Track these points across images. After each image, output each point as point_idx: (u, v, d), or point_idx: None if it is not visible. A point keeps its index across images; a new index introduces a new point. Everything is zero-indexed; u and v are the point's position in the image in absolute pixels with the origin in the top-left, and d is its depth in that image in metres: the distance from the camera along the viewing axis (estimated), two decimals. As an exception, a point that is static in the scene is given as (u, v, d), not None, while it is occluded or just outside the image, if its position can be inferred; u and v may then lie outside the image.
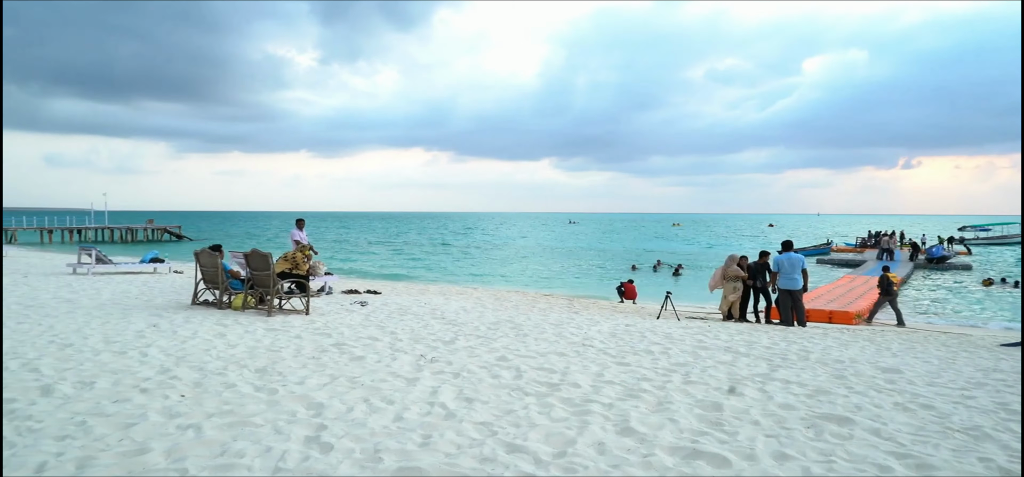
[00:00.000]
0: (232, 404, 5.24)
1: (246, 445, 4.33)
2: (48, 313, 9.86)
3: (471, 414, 5.10)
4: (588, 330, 9.40)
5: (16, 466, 3.94)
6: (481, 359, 7.12)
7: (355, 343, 7.85)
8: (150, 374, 6.16)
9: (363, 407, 5.22)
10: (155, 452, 4.20)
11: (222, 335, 8.14)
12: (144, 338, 7.90)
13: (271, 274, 9.98)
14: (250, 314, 9.89)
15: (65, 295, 12.14)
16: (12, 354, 6.91)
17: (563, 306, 14.60)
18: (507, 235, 79.90)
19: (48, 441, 4.37)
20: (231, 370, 6.36)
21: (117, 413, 4.97)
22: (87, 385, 5.75)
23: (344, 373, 6.34)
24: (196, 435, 4.52)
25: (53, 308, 10.41)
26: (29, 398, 5.34)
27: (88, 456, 4.12)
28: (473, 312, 11.19)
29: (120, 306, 10.71)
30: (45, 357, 6.80)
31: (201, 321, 9.18)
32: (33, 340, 7.69)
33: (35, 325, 8.76)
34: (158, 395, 5.47)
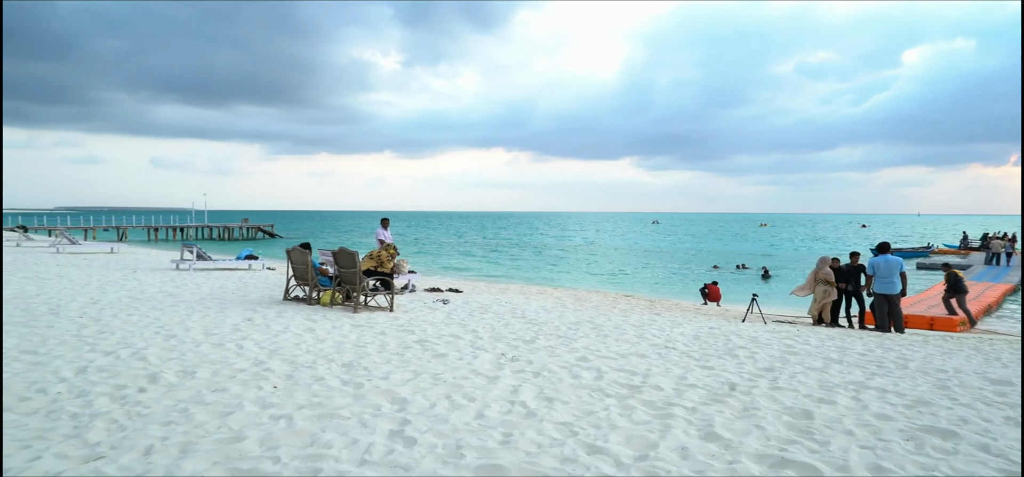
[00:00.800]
0: (321, 397, 5.43)
1: (334, 436, 4.48)
2: (154, 306, 10.52)
3: (551, 414, 5.09)
4: (670, 332, 9.23)
5: (127, 448, 4.22)
6: (561, 359, 7.11)
7: (437, 340, 7.99)
8: (245, 365, 6.47)
9: (445, 403, 5.31)
10: (250, 440, 4.41)
11: (311, 330, 8.46)
12: (240, 331, 8.30)
13: (357, 271, 10.29)
14: (337, 310, 10.23)
15: (169, 289, 12.91)
16: (124, 343, 7.41)
17: (644, 307, 14.40)
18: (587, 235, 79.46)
19: (155, 426, 4.65)
20: (320, 364, 6.60)
21: (216, 402, 5.24)
22: (189, 374, 6.10)
23: (427, 369, 6.46)
24: (288, 425, 4.71)
25: (159, 301, 11.09)
26: (138, 385, 5.71)
27: (190, 441, 4.36)
28: (553, 312, 11.19)
29: (218, 300, 11.30)
30: (152, 347, 7.26)
31: (292, 316, 9.57)
32: (141, 331, 8.22)
33: (143, 317, 9.36)
34: (253, 386, 5.73)
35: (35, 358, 6.68)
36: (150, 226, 61.84)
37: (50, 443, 4.30)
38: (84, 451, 4.19)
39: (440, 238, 69.60)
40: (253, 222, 68.66)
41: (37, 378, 5.90)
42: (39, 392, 5.46)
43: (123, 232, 58.08)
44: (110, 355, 6.83)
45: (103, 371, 6.17)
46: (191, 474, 3.84)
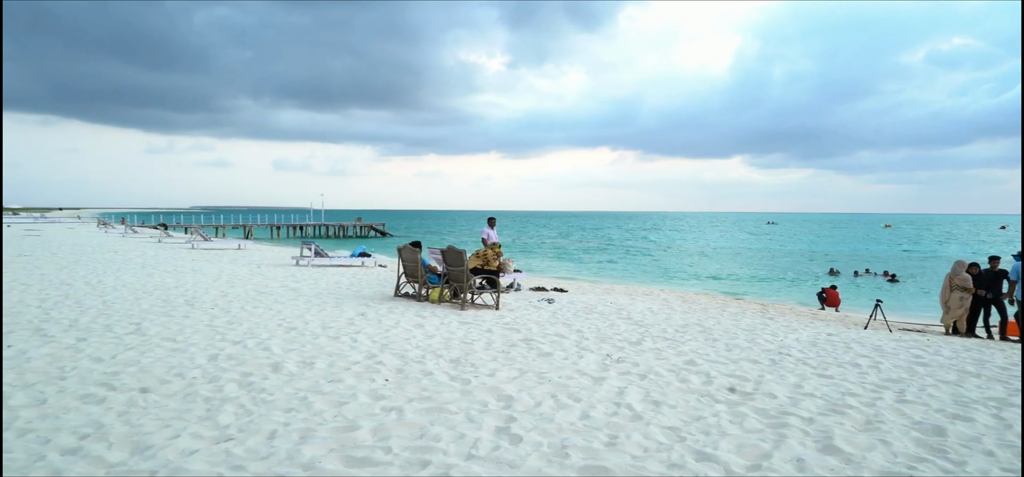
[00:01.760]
0: (429, 391, 5.59)
1: (442, 430, 4.59)
2: (277, 299, 11.17)
3: (658, 417, 5.00)
4: (784, 338, 8.83)
5: (253, 431, 4.51)
6: (669, 362, 6.96)
7: (543, 339, 8.02)
8: (359, 358, 6.75)
9: (550, 403, 5.32)
10: (363, 430, 4.60)
11: (420, 326, 8.71)
12: (354, 325, 8.67)
13: (465, 270, 10.51)
14: (445, 307, 10.48)
15: (290, 284, 13.67)
16: (250, 334, 7.92)
17: (756, 311, 13.85)
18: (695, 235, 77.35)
19: (277, 412, 4.94)
20: (428, 359, 6.79)
21: (332, 392, 5.51)
22: (308, 365, 6.43)
23: (532, 368, 6.50)
24: (398, 417, 4.87)
25: (280, 295, 11.77)
26: (263, 373, 6.08)
27: (309, 428, 4.60)
28: (660, 314, 10.97)
29: (334, 295, 11.85)
30: (275, 338, 7.71)
31: (402, 312, 9.90)
32: (265, 323, 8.75)
33: (267, 310, 9.96)
34: (366, 378, 5.97)
35: (174, 345, 7.26)
36: (273, 224, 66.03)
37: (187, 423, 4.66)
38: (215, 432, 4.50)
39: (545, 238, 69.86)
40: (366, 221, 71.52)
41: (175, 363, 6.41)
42: (177, 376, 5.93)
43: (249, 230, 62.18)
44: (238, 344, 7.32)
45: (232, 359, 6.62)
46: (310, 459, 4.05)
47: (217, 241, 30.35)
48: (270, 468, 3.91)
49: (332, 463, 4.00)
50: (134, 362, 6.43)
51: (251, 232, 61.34)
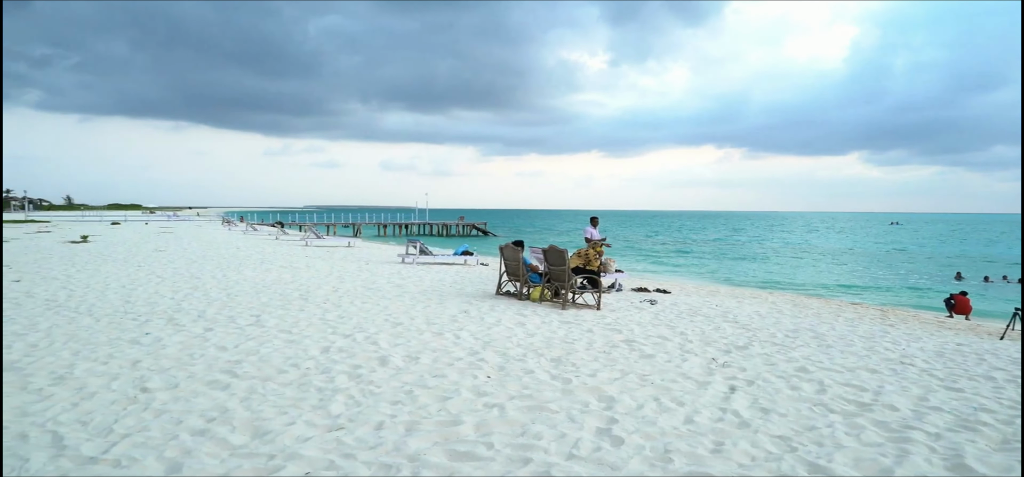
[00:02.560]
0: (531, 389, 5.62)
1: (543, 429, 4.61)
2: (384, 295, 11.58)
3: (767, 425, 4.80)
4: (907, 346, 8.26)
5: (362, 421, 4.69)
6: (778, 368, 6.67)
7: (645, 341, 7.89)
8: (462, 354, 6.89)
9: (653, 405, 5.22)
10: (466, 425, 4.68)
11: (522, 324, 8.78)
12: (457, 322, 8.85)
13: (566, 269, 10.50)
14: (546, 306, 10.51)
15: (396, 281, 14.14)
16: (359, 328, 8.25)
17: (874, 317, 13.03)
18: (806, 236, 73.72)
19: (385, 404, 5.12)
20: (530, 357, 6.83)
21: (436, 386, 5.64)
22: (413, 359, 6.63)
23: (634, 370, 6.41)
24: (500, 414, 4.93)
25: (387, 292, 12.19)
26: (371, 366, 6.32)
27: (414, 421, 4.74)
28: (768, 317, 10.53)
29: (438, 293, 12.15)
30: (382, 332, 7.99)
31: (504, 310, 10.01)
32: (373, 318, 9.09)
33: (374, 305, 10.34)
34: (468, 374, 6.08)
35: (289, 337, 7.66)
36: (380, 223, 68.70)
37: (301, 412, 4.91)
38: (327, 421, 4.72)
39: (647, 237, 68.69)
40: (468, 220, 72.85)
41: (291, 354, 6.77)
42: (293, 366, 6.26)
43: (357, 228, 64.85)
44: (348, 338, 7.64)
45: (342, 352, 6.92)
46: (415, 451, 4.16)
47: (328, 239, 31.80)
48: (378, 457, 4.06)
49: (436, 456, 4.10)
50: (254, 352, 6.84)
51: (359, 230, 63.93)
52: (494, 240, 56.31)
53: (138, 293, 11.36)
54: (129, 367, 6.17)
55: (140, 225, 47.57)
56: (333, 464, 3.94)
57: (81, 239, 27.69)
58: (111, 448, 4.16)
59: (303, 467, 3.90)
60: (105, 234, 33.18)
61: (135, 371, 6.02)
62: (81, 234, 31.68)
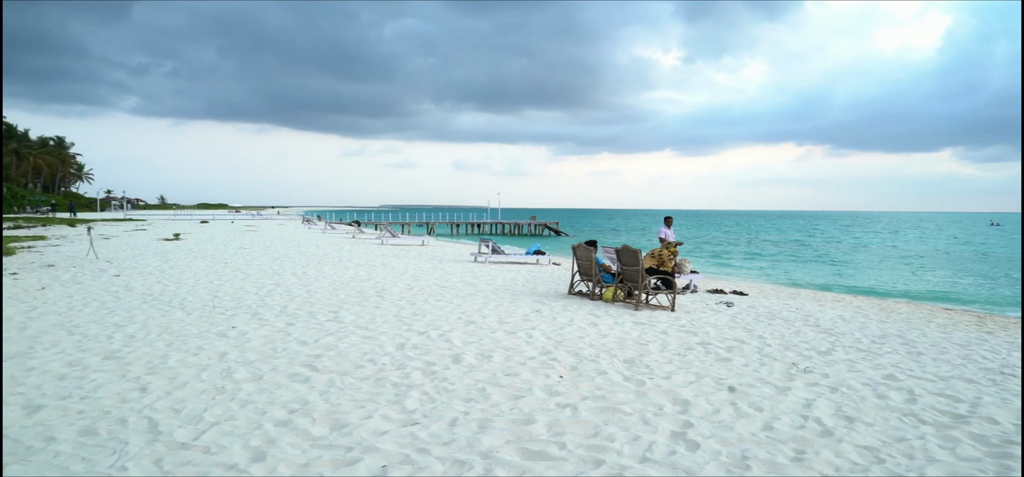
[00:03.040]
0: (604, 390, 5.57)
1: (616, 431, 4.56)
2: (456, 294, 11.72)
3: (852, 435, 4.60)
4: (1008, 356, 7.76)
5: (436, 417, 4.76)
6: (864, 375, 6.38)
7: (721, 344, 7.70)
8: (534, 353, 6.90)
9: (730, 410, 5.09)
10: (538, 424, 4.69)
11: (594, 324, 8.72)
12: (529, 321, 8.87)
13: (640, 269, 10.36)
14: (619, 306, 10.41)
15: (469, 279, 14.29)
16: (433, 326, 8.39)
17: (970, 323, 12.29)
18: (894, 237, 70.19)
19: (458, 401, 5.18)
20: (602, 358, 6.78)
21: (509, 385, 5.67)
22: (486, 357, 6.68)
23: (710, 373, 6.27)
24: (572, 414, 4.91)
25: (460, 290, 12.34)
26: (444, 363, 6.41)
27: (486, 418, 4.78)
28: (853, 322, 10.09)
29: (510, 292, 12.21)
30: (455, 330, 8.09)
31: (576, 310, 9.97)
32: (447, 316, 9.21)
33: (448, 303, 10.49)
34: (541, 373, 6.09)
35: (366, 333, 7.86)
36: (453, 222, 69.74)
37: (378, 406, 5.03)
38: (402, 416, 4.82)
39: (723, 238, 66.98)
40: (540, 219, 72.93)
41: (368, 349, 6.94)
42: (370, 361, 6.42)
43: (431, 227, 65.98)
44: (422, 335, 7.77)
45: (417, 348, 7.04)
46: (488, 448, 4.19)
47: (403, 237, 32.44)
48: (451, 453, 4.11)
49: (509, 454, 4.12)
50: (333, 347, 7.06)
51: (433, 229, 65.00)
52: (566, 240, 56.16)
53: (225, 288, 11.90)
54: (217, 359, 6.47)
55: (226, 224, 49.83)
56: (408, 458, 4.02)
57: (173, 237, 29.24)
58: (201, 435, 4.37)
59: (379, 460, 3.99)
60: (195, 232, 34.93)
61: (222, 363, 6.31)
62: (173, 232, 33.46)
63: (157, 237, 29.06)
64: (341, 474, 3.81)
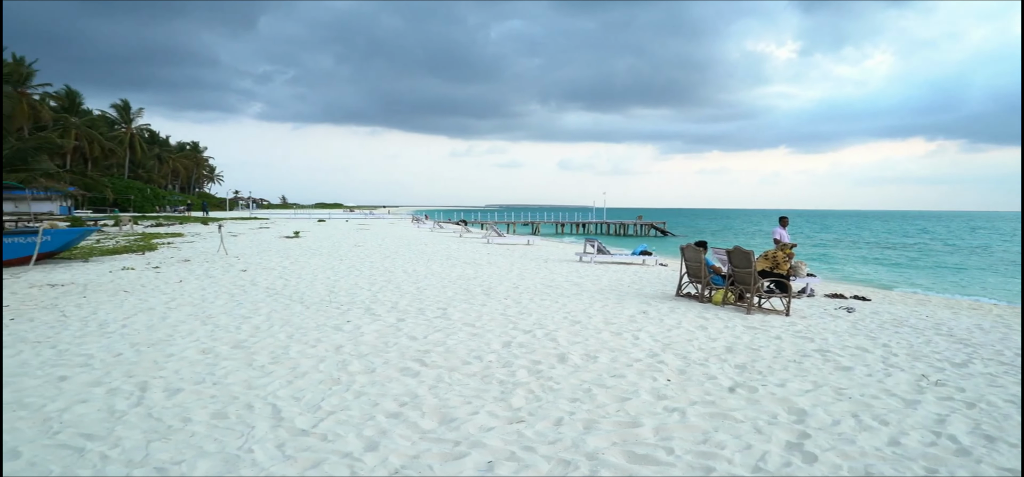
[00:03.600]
0: (713, 395, 5.40)
1: (726, 438, 4.41)
2: (562, 293, 11.72)
3: (993, 456, 4.23)
4: None
5: (541, 416, 4.78)
6: (1006, 391, 5.84)
7: (841, 352, 7.28)
8: (641, 356, 6.78)
9: (851, 422, 4.80)
10: (645, 427, 4.61)
11: (703, 328, 8.47)
12: (635, 323, 8.74)
13: (752, 272, 9.97)
14: (729, 310, 10.06)
15: (574, 279, 14.25)
16: (538, 325, 8.42)
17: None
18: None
19: (563, 401, 5.18)
20: (712, 362, 6.57)
21: (614, 386, 5.61)
22: (591, 358, 6.64)
23: (829, 382, 5.93)
24: (680, 419, 4.79)
25: (565, 289, 12.33)
26: (550, 362, 6.42)
27: (592, 419, 4.75)
28: (993, 332, 9.26)
29: (616, 292, 12.07)
30: (561, 330, 8.09)
31: (684, 312, 9.72)
32: (552, 315, 9.23)
33: (553, 302, 10.50)
34: (648, 376, 5.98)
35: (473, 330, 8.00)
36: (558, 222, 69.77)
37: (484, 402, 5.10)
38: (508, 413, 4.87)
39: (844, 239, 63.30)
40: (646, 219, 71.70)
41: (475, 347, 7.06)
42: (476, 358, 6.53)
43: (536, 227, 66.33)
44: (528, 334, 7.83)
45: (523, 347, 7.10)
46: (594, 449, 4.17)
47: (508, 237, 32.84)
48: (556, 453, 4.11)
49: (614, 456, 4.07)
50: (441, 343, 7.23)
51: (538, 228, 65.33)
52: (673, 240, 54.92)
53: (340, 284, 12.47)
54: (333, 351, 6.78)
55: (341, 222, 52.19)
56: (514, 455, 4.06)
57: (294, 235, 30.94)
58: (319, 423, 4.60)
59: (486, 456, 4.05)
60: (313, 230, 36.81)
61: (338, 355, 6.61)
62: (294, 230, 35.42)
63: (279, 235, 30.84)
64: (449, 467, 3.90)
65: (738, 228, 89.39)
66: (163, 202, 77.45)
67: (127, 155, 79.03)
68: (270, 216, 70.44)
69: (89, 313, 8.91)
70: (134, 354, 6.57)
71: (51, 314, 8.84)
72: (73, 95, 69.43)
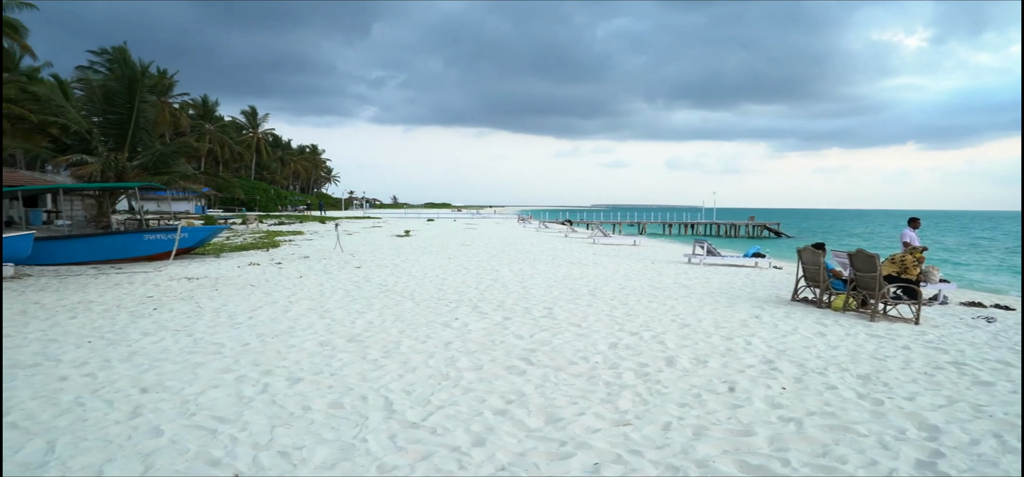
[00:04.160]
0: (834, 406, 5.11)
1: (848, 452, 4.16)
2: (670, 295, 11.46)
3: None
4: None
5: (648, 420, 4.69)
6: None
7: (980, 365, 6.69)
8: (753, 362, 6.52)
9: (993, 443, 4.40)
10: (759, 437, 4.42)
11: (822, 334, 8.04)
12: (748, 327, 8.41)
13: (877, 276, 9.36)
14: (851, 316, 9.48)
15: (682, 281, 13.90)
16: (645, 327, 8.28)
17: None
18: None
19: (672, 405, 5.06)
20: (832, 371, 6.21)
21: (726, 393, 5.42)
22: (701, 362, 6.45)
23: (965, 397, 5.47)
24: (797, 430, 4.56)
25: (673, 291, 12.05)
26: (657, 365, 6.29)
27: (702, 426, 4.61)
28: None
29: (726, 295, 11.67)
30: (669, 333, 7.92)
31: (801, 318, 9.26)
32: (659, 317, 9.04)
33: (660, 305, 10.28)
34: (761, 383, 5.74)
35: (579, 330, 7.97)
36: (665, 222, 68.25)
37: (590, 403, 5.07)
38: (615, 415, 4.81)
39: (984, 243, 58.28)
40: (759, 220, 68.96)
41: (581, 347, 7.03)
42: (582, 359, 6.50)
43: (642, 227, 65.28)
44: (635, 336, 7.70)
45: (629, 349, 6.99)
46: (704, 457, 4.04)
47: (614, 237, 32.47)
48: (665, 458, 4.02)
49: (726, 465, 3.93)
50: (547, 342, 7.25)
51: (644, 229, 64.26)
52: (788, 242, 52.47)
53: (448, 282, 12.76)
54: (442, 347, 6.95)
55: (449, 222, 53.46)
56: (620, 458, 4.00)
57: (404, 234, 31.99)
58: (429, 416, 4.73)
59: (592, 458, 4.02)
60: (422, 229, 37.91)
61: (447, 351, 6.76)
62: (404, 229, 36.62)
63: (390, 233, 31.98)
64: (555, 467, 3.90)
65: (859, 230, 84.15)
66: (285, 202, 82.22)
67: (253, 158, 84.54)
68: (382, 215, 73.21)
69: (220, 305, 9.59)
70: (259, 344, 7.01)
71: (188, 305, 9.58)
72: (208, 103, 75.06)
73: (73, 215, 25.30)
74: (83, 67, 23.82)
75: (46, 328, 7.85)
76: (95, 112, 23.07)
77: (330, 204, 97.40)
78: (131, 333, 7.56)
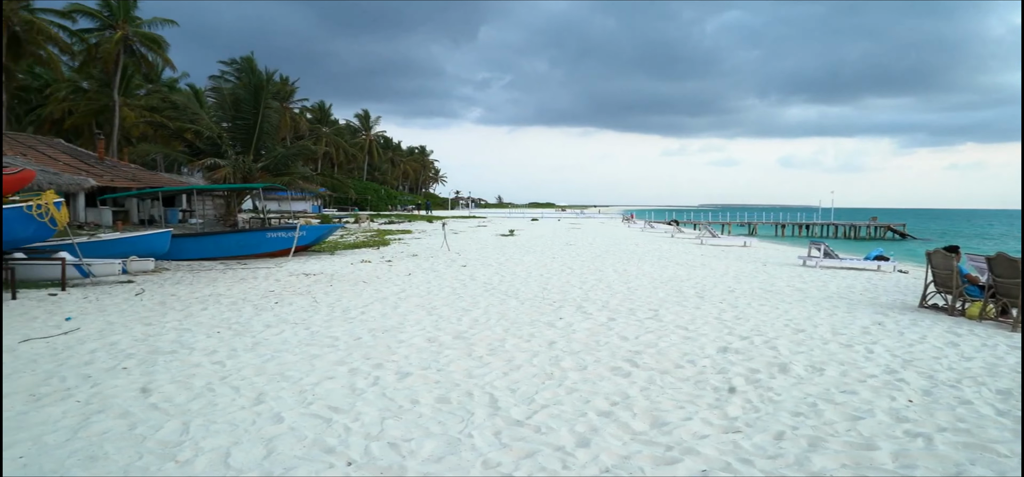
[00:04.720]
0: (968, 423, 4.72)
1: (985, 473, 3.85)
2: (783, 299, 10.96)
3: None
4: None
5: (760, 428, 4.51)
6: None
7: None
8: (876, 371, 6.12)
9: None
10: (882, 451, 4.15)
11: (955, 344, 7.44)
12: (869, 334, 7.91)
13: (1020, 283, 8.56)
14: (989, 326, 8.72)
15: (796, 284, 13.26)
16: (756, 331, 7.96)
17: None
18: None
19: (784, 414, 4.84)
20: (966, 384, 5.74)
21: (845, 403, 5.12)
22: (817, 370, 6.13)
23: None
24: (925, 446, 4.25)
25: (787, 295, 11.51)
26: (769, 372, 6.04)
27: (818, 437, 4.38)
28: None
29: (845, 300, 11.03)
30: (781, 338, 7.58)
31: (930, 326, 8.61)
32: (772, 322, 8.67)
33: (772, 308, 9.86)
34: (884, 394, 5.39)
35: (686, 333, 7.78)
36: (777, 223, 65.29)
37: (698, 408, 4.93)
38: (724, 422, 4.66)
39: None
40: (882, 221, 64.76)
41: (688, 350, 6.86)
42: (689, 362, 6.34)
43: (753, 227, 62.82)
44: (745, 340, 7.43)
45: (739, 353, 6.75)
46: (821, 469, 3.85)
47: (723, 238, 31.46)
48: (777, 469, 3.86)
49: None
50: (653, 344, 7.12)
51: (755, 229, 61.82)
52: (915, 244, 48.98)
53: (552, 282, 12.79)
54: (546, 347, 6.97)
55: (553, 222, 53.56)
56: (729, 467, 3.88)
57: (509, 233, 32.36)
58: (533, 415, 4.76)
59: (700, 464, 3.91)
60: (526, 229, 38.19)
61: (551, 351, 6.78)
62: (509, 228, 37.04)
63: (495, 233, 32.42)
64: (661, 471, 3.83)
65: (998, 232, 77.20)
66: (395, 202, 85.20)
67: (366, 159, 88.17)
68: (487, 215, 74.33)
69: (334, 300, 10.06)
70: (371, 339, 7.30)
71: (305, 299, 10.12)
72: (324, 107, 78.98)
73: (205, 214, 27.35)
74: (215, 76, 25.78)
75: (181, 318, 8.51)
76: (225, 118, 24.84)
77: (436, 204, 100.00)
78: (255, 325, 8.07)
